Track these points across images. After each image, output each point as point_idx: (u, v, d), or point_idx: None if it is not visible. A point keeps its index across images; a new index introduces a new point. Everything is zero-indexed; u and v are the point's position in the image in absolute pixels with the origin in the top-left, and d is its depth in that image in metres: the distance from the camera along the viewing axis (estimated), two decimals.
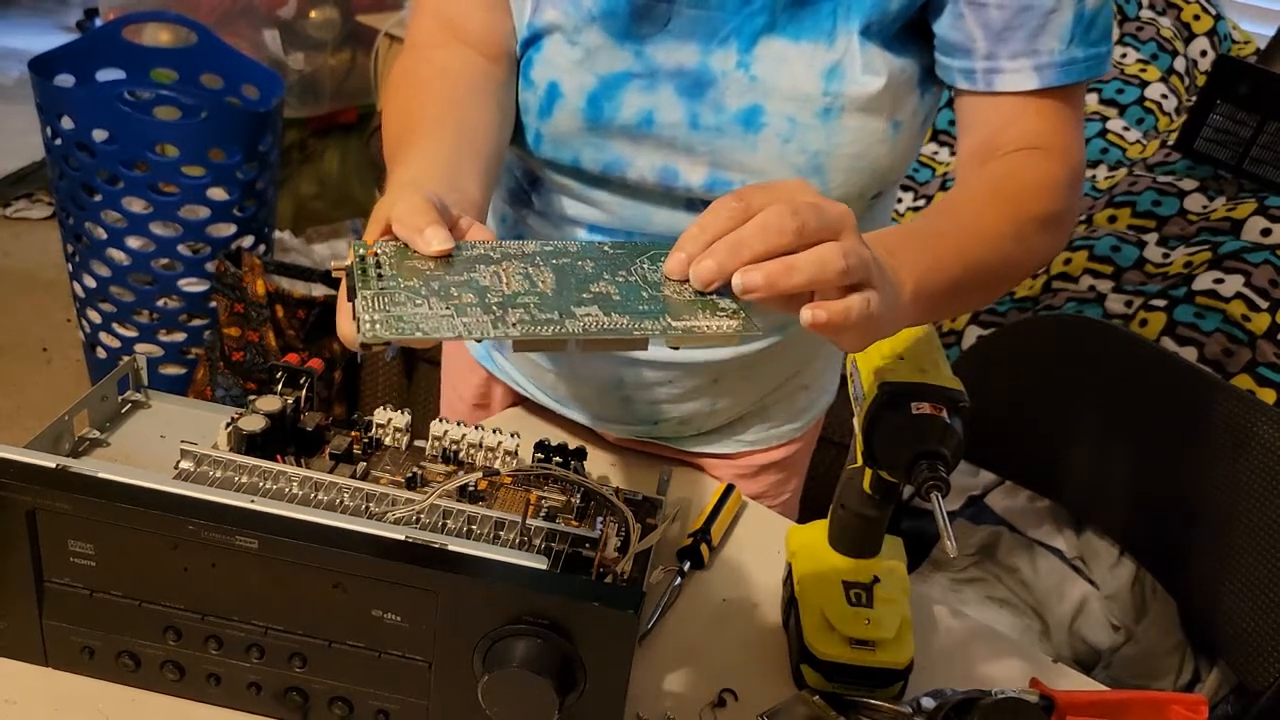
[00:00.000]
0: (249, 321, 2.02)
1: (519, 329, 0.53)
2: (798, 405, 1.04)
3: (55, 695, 0.67)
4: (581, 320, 0.53)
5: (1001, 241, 0.73)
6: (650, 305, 0.55)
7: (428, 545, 0.63)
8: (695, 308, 0.55)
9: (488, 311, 0.53)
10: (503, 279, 0.56)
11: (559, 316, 0.54)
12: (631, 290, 0.56)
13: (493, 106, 0.79)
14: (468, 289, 0.55)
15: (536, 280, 0.57)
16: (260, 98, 2.21)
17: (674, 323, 0.54)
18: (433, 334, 0.52)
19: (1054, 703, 0.71)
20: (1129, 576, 1.38)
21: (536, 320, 0.53)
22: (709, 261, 0.54)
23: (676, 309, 0.55)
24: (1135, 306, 1.59)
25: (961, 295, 0.72)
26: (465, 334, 0.52)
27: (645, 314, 0.55)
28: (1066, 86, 0.77)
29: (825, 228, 0.55)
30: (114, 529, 0.63)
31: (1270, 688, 1.15)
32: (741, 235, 0.54)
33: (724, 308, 0.55)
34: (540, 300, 0.55)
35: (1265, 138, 1.64)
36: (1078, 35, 0.75)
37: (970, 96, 0.78)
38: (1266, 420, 1.19)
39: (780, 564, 0.86)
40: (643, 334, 0.53)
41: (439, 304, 0.54)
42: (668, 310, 0.55)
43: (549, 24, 0.79)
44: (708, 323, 0.54)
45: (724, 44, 0.77)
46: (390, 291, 0.54)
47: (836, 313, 0.55)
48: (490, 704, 0.61)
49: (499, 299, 0.55)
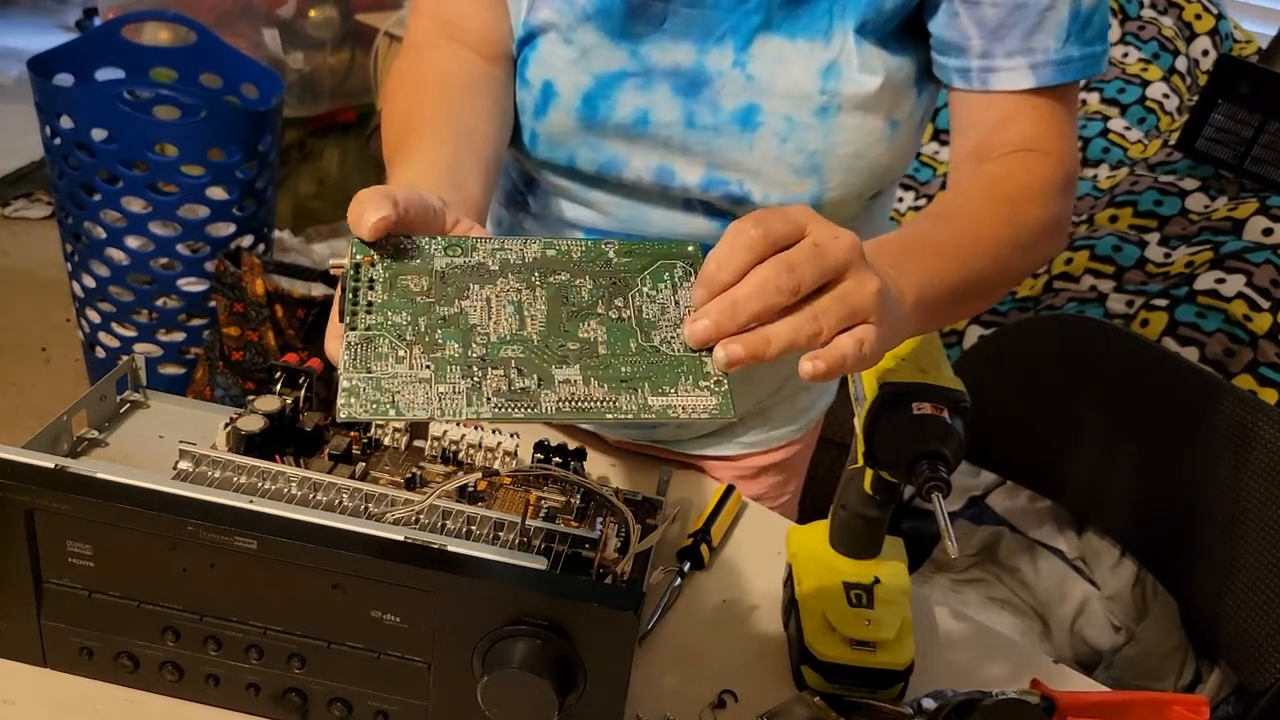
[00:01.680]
0: (248, 321, 2.02)
1: (492, 406, 0.53)
2: (797, 407, 1.04)
3: (54, 696, 0.67)
4: (558, 392, 0.53)
5: (1000, 248, 0.73)
6: (633, 367, 0.55)
7: (427, 546, 0.62)
8: (679, 373, 0.55)
9: (467, 374, 0.53)
10: (492, 310, 0.56)
11: (536, 385, 0.53)
12: (621, 339, 0.56)
13: (492, 107, 0.79)
14: (454, 332, 0.55)
15: (527, 314, 0.56)
16: (260, 97, 2.20)
17: (650, 399, 0.54)
18: (405, 413, 0.52)
19: (1055, 704, 0.71)
20: (1130, 577, 1.38)
21: (513, 393, 0.53)
22: (705, 322, 0.54)
23: (660, 376, 0.55)
24: (1136, 306, 1.59)
25: (961, 303, 0.72)
26: (439, 414, 0.52)
27: (624, 384, 0.54)
28: (1062, 86, 0.76)
29: (825, 274, 0.54)
30: (112, 529, 0.63)
31: (1271, 688, 1.15)
32: (737, 298, 0.53)
33: (708, 375, 0.55)
34: (523, 355, 0.55)
35: (1266, 137, 1.64)
36: (1074, 34, 0.75)
37: (965, 95, 0.78)
38: (1268, 420, 1.19)
39: (780, 565, 0.86)
40: (616, 417, 0.53)
41: (420, 360, 0.54)
42: (650, 379, 0.54)
43: (544, 23, 0.79)
44: (685, 401, 0.54)
45: (720, 43, 0.77)
46: (374, 338, 0.54)
47: (833, 361, 0.55)
48: (489, 705, 0.61)
49: (482, 350, 0.54)
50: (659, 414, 0.54)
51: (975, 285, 0.71)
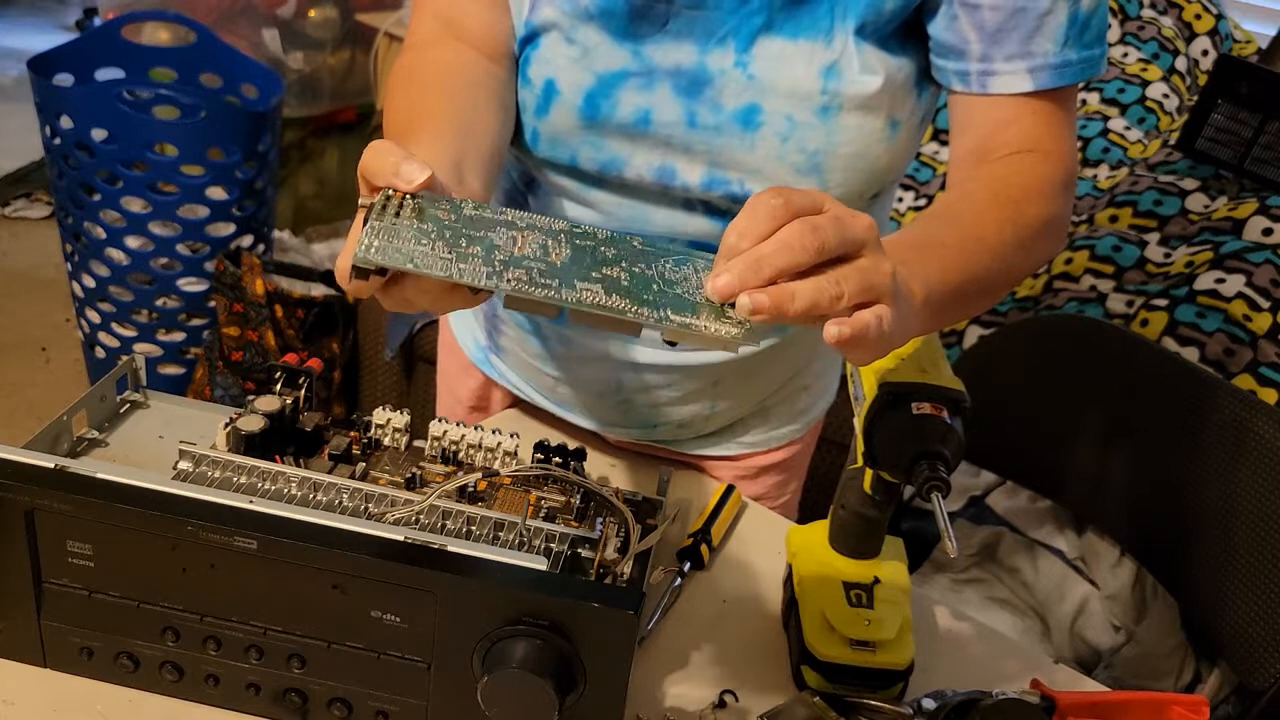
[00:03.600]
0: (248, 321, 2.02)
1: (513, 285, 0.53)
2: (798, 407, 1.04)
3: (54, 696, 0.67)
4: (580, 293, 0.53)
5: (1004, 248, 0.73)
6: (656, 297, 0.55)
7: (427, 546, 0.62)
8: (701, 309, 0.55)
9: (488, 264, 0.54)
10: (518, 243, 0.56)
11: (558, 285, 0.53)
12: (642, 282, 0.56)
13: (494, 104, 0.79)
14: (478, 244, 0.55)
15: (550, 252, 0.56)
16: (259, 97, 2.20)
17: (671, 315, 0.54)
18: (423, 269, 0.52)
19: (1055, 703, 0.71)
20: (1130, 577, 1.38)
21: (534, 282, 0.53)
22: (728, 277, 0.54)
23: (681, 306, 0.55)
24: (1136, 306, 1.59)
25: (965, 302, 0.72)
26: (457, 276, 0.52)
27: (647, 303, 0.54)
28: (1060, 88, 0.77)
29: (846, 244, 0.55)
30: (112, 529, 0.63)
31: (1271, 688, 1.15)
32: (762, 253, 0.54)
33: (730, 316, 0.55)
34: (545, 268, 0.55)
35: (1266, 137, 1.64)
36: (1072, 37, 0.75)
37: (964, 98, 0.78)
38: (1268, 420, 1.19)
39: (780, 565, 0.86)
40: (637, 319, 0.54)
41: (442, 248, 0.54)
42: (671, 305, 0.55)
43: (546, 22, 0.79)
44: (706, 323, 0.54)
45: (722, 43, 0.77)
46: (399, 229, 0.54)
47: (858, 328, 0.55)
48: (490, 705, 0.61)
49: (504, 258, 0.55)
50: (678, 328, 0.54)
51: (979, 284, 0.71)
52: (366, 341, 2.10)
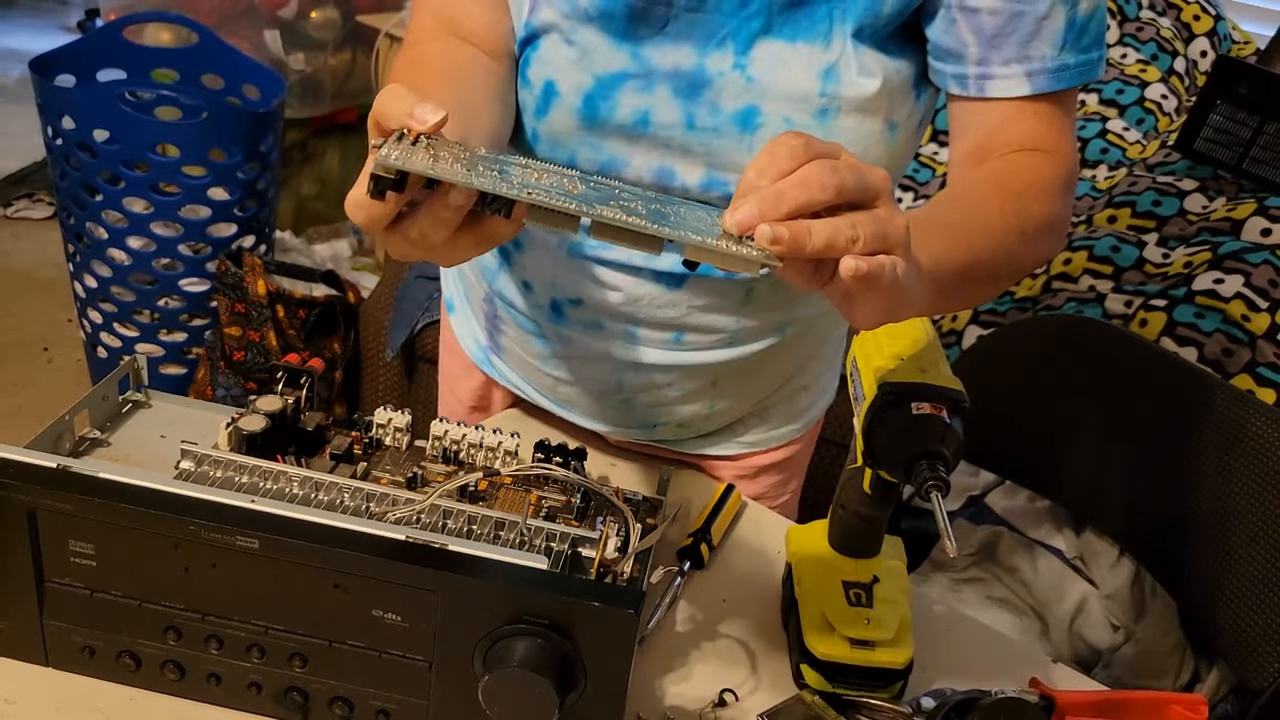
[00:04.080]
0: (250, 321, 2.02)
1: (532, 196, 0.53)
2: (797, 406, 1.04)
3: (56, 695, 0.67)
4: (600, 210, 0.53)
5: (1006, 235, 0.73)
6: (675, 222, 0.55)
7: (428, 545, 0.63)
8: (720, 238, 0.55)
9: (505, 181, 0.54)
10: (533, 174, 0.56)
11: (576, 205, 0.53)
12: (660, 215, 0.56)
13: (495, 98, 0.79)
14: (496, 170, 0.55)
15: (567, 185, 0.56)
16: (261, 98, 2.21)
17: (691, 235, 0.54)
18: (443, 175, 0.52)
19: (1054, 703, 0.71)
20: (1128, 576, 1.38)
21: (551, 193, 0.53)
22: (748, 209, 0.54)
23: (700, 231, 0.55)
24: (1135, 307, 1.59)
25: (967, 284, 0.72)
26: (476, 183, 0.52)
27: (668, 224, 0.55)
28: (1058, 92, 0.77)
29: (863, 190, 0.55)
30: (115, 529, 0.63)
31: (1270, 688, 1.15)
32: (782, 188, 0.54)
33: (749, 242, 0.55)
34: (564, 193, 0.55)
35: (1265, 138, 1.64)
36: (1069, 41, 0.75)
37: (962, 101, 0.79)
38: (1266, 420, 1.19)
39: (780, 564, 0.86)
40: (659, 234, 0.54)
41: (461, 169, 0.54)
42: (691, 230, 0.55)
43: (546, 23, 0.79)
44: (727, 245, 0.54)
45: (720, 46, 0.77)
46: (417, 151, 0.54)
47: (874, 266, 0.55)
48: (490, 703, 0.61)
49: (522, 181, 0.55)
50: (699, 247, 0.54)
51: (981, 268, 0.71)
52: (368, 341, 2.10)
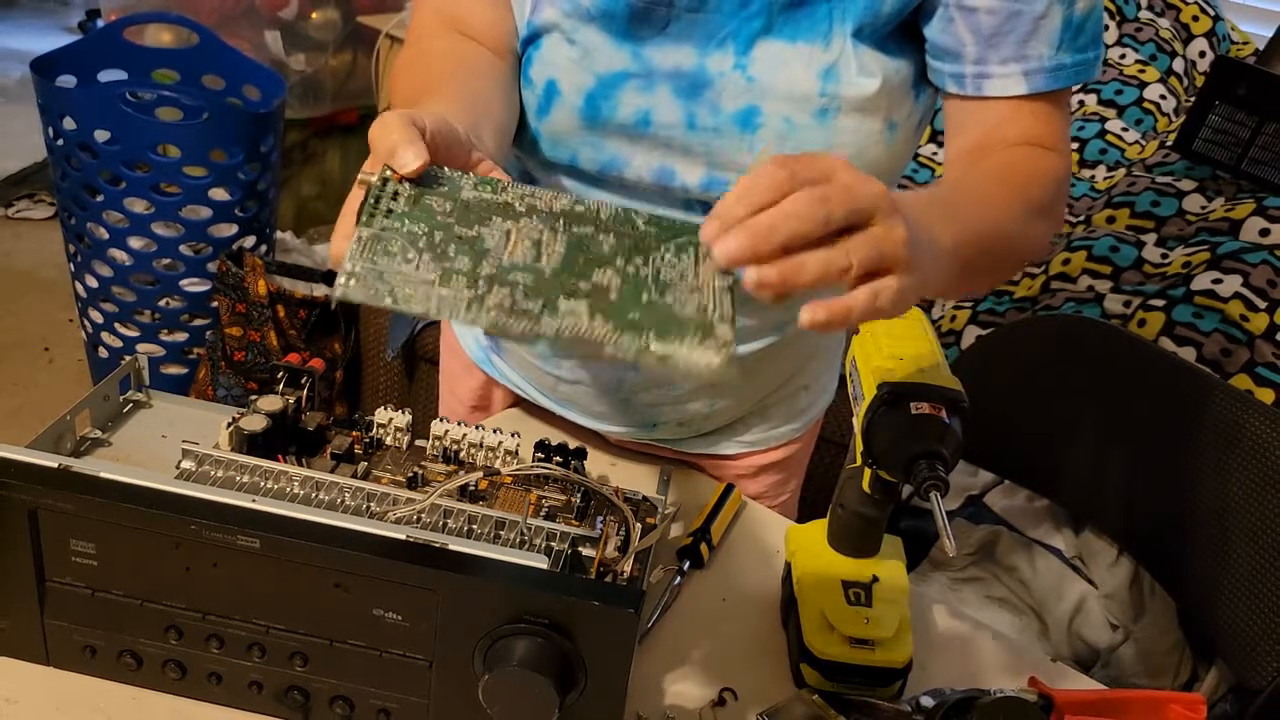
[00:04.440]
0: (250, 321, 2.02)
1: (491, 316, 0.52)
2: (797, 406, 1.04)
3: (57, 694, 0.68)
4: (560, 320, 0.52)
5: (1013, 220, 0.73)
6: (641, 314, 0.54)
7: (428, 545, 0.63)
8: (687, 330, 0.54)
9: (472, 285, 0.53)
10: (510, 242, 0.55)
11: (540, 308, 0.52)
12: (634, 289, 0.55)
13: (500, 91, 0.80)
14: (467, 250, 0.54)
15: (544, 251, 0.55)
16: (262, 99, 2.21)
17: (653, 345, 0.53)
18: (403, 304, 0.51)
19: (1052, 702, 0.71)
20: (1127, 575, 1.38)
21: (515, 310, 0.52)
22: (740, 240, 0.53)
23: (666, 327, 0.54)
24: (1134, 307, 1.59)
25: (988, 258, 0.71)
26: (436, 311, 0.52)
27: (630, 325, 0.53)
28: (1054, 91, 0.77)
29: (855, 214, 0.54)
30: (116, 529, 0.63)
31: (1268, 687, 1.15)
32: (773, 221, 0.53)
33: (717, 336, 0.54)
34: (531, 282, 0.54)
35: (1263, 138, 1.65)
36: (1066, 41, 0.76)
37: (959, 100, 0.79)
38: (1264, 420, 1.19)
39: (780, 564, 0.86)
40: (614, 351, 0.52)
41: (428, 265, 0.53)
42: (656, 327, 0.53)
43: (547, 22, 0.79)
44: (688, 353, 0.53)
45: (721, 46, 0.78)
46: (387, 238, 0.54)
47: (836, 314, 0.54)
48: (491, 703, 0.62)
49: (491, 270, 0.54)
50: (658, 358, 0.53)
51: (1001, 242, 0.71)
52: (368, 341, 2.10)
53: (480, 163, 0.62)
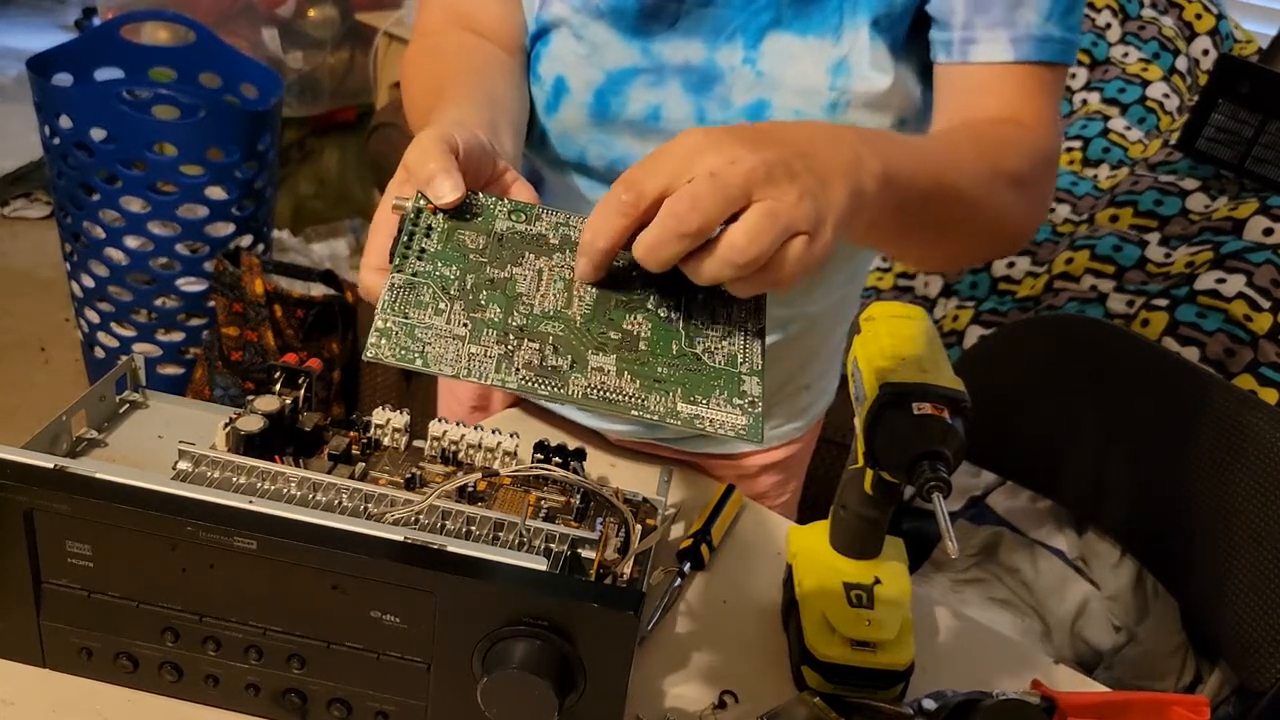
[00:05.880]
0: (247, 321, 2.02)
1: (520, 378, 0.52)
2: (799, 405, 1.04)
3: (53, 696, 0.67)
4: (588, 379, 0.53)
5: (976, 180, 0.70)
6: (671, 370, 0.54)
7: (426, 546, 0.62)
8: (715, 386, 0.54)
9: (502, 340, 0.53)
10: (542, 283, 0.56)
11: (569, 366, 0.53)
12: (664, 338, 0.55)
13: (512, 85, 0.80)
14: (499, 296, 0.55)
15: (575, 294, 0.56)
16: (259, 97, 2.20)
17: (680, 406, 0.53)
18: (433, 366, 0.52)
19: (1055, 704, 0.71)
20: (1130, 577, 1.38)
21: (543, 369, 0.53)
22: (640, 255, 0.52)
23: (694, 384, 0.54)
24: (1137, 306, 1.59)
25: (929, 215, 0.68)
26: (465, 374, 0.52)
27: (657, 383, 0.53)
28: (1041, 66, 0.76)
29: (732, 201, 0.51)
30: (112, 530, 0.63)
31: (1272, 689, 1.15)
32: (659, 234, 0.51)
33: (745, 394, 0.54)
34: (562, 334, 0.54)
35: (1267, 137, 1.64)
36: (1056, 14, 0.75)
37: (947, 69, 0.78)
38: (1268, 420, 1.19)
39: (781, 565, 0.86)
40: (640, 415, 0.53)
41: (459, 316, 0.53)
42: (684, 384, 0.54)
43: (556, 18, 0.79)
44: (714, 414, 0.53)
45: (730, 40, 0.77)
46: (419, 285, 0.54)
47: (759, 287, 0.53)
48: (489, 705, 0.61)
49: (522, 320, 0.54)
50: (685, 422, 0.53)
51: (948, 199, 0.68)
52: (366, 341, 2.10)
53: (505, 172, 0.62)
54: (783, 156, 0.52)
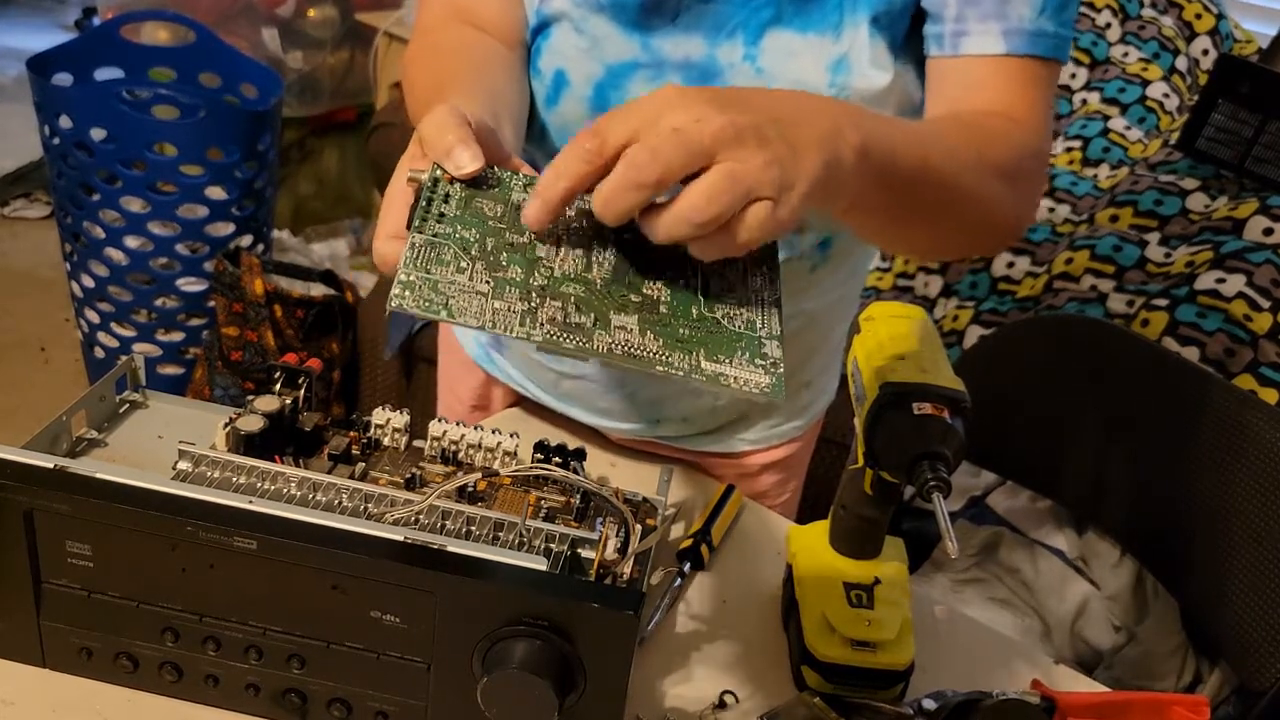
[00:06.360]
0: (247, 321, 2.02)
1: (544, 331, 0.52)
2: (799, 403, 1.04)
3: (53, 696, 0.67)
4: (612, 336, 0.53)
5: (963, 166, 0.69)
6: (692, 330, 0.54)
7: (426, 546, 0.62)
8: (737, 348, 0.54)
9: (525, 298, 0.53)
10: (561, 248, 0.55)
11: (592, 323, 0.53)
12: (684, 303, 0.55)
13: (513, 79, 0.80)
14: (519, 258, 0.54)
15: (595, 259, 0.55)
16: (259, 97, 2.20)
17: (704, 363, 0.53)
18: (457, 318, 0.51)
19: (1055, 704, 0.71)
20: (1130, 577, 1.38)
21: (567, 325, 0.52)
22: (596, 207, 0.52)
23: (716, 344, 0.54)
24: (1137, 306, 1.59)
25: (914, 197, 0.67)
26: (490, 326, 0.51)
27: (680, 343, 0.53)
28: (1033, 60, 0.76)
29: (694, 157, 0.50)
30: (112, 530, 0.63)
31: (1272, 689, 1.15)
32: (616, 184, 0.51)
33: (766, 355, 0.54)
34: (584, 295, 0.54)
35: (1267, 137, 1.64)
36: (1050, 9, 0.75)
37: (939, 62, 0.78)
38: (1268, 420, 1.19)
39: (780, 565, 0.86)
40: (665, 370, 0.53)
41: (481, 274, 0.53)
42: (706, 344, 0.54)
43: (557, 12, 0.79)
44: (738, 373, 0.53)
45: (731, 36, 0.78)
46: (439, 245, 0.54)
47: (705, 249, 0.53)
48: (489, 705, 0.61)
49: (544, 281, 0.54)
50: (710, 379, 0.53)
51: (933, 183, 0.67)
52: (366, 341, 2.10)
53: (510, 159, 0.62)
54: (755, 121, 0.52)
